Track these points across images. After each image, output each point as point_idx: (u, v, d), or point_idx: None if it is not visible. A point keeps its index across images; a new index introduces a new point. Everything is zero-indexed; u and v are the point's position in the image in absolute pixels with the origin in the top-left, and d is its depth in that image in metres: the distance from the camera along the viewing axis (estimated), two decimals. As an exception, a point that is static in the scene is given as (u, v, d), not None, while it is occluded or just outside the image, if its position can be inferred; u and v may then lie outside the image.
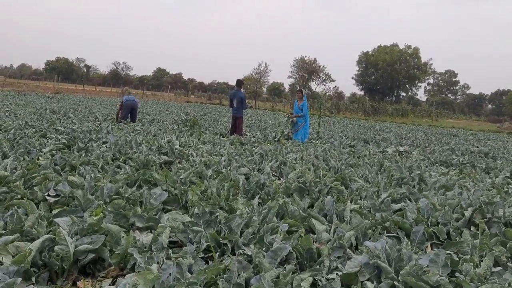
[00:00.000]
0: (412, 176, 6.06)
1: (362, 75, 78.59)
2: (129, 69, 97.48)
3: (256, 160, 6.50)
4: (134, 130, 9.32)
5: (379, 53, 76.38)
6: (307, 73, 79.25)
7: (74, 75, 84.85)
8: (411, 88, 78.86)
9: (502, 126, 43.54)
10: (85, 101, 21.81)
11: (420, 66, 76.18)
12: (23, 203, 3.57)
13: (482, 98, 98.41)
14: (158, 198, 3.79)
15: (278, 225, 3.34)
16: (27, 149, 5.75)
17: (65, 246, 2.76)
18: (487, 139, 17.65)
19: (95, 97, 29.59)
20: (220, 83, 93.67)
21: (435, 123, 36.99)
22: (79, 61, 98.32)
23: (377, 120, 31.33)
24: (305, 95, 10.82)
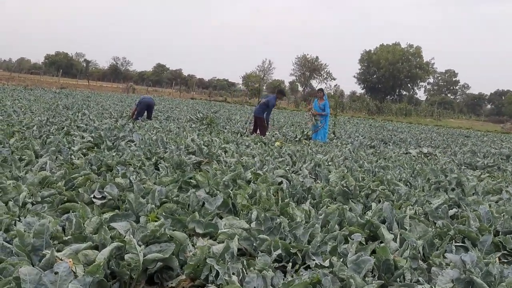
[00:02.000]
0: (449, 179, 5.94)
1: (364, 74, 78.43)
2: (129, 64, 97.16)
3: (288, 161, 6.37)
4: (154, 128, 9.19)
5: (381, 52, 76.21)
6: (309, 71, 79.27)
7: (74, 69, 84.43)
8: (412, 87, 78.85)
9: (505, 127, 43.54)
10: (92, 96, 21.66)
11: (422, 65, 76.12)
12: (77, 207, 3.45)
13: (481, 98, 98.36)
14: (213, 202, 3.66)
15: (344, 233, 3.22)
16: (58, 147, 5.62)
17: (135, 254, 2.63)
18: (500, 140, 17.58)
19: (100, 92, 29.40)
20: (220, 80, 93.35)
21: (439, 122, 36.93)
22: (79, 55, 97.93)
23: (383, 120, 31.25)
24: (326, 94, 10.68)
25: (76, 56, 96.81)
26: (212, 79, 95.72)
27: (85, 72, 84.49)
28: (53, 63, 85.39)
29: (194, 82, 73.91)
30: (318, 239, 3.02)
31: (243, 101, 42.73)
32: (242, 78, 79.06)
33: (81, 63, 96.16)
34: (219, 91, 67.50)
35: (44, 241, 2.58)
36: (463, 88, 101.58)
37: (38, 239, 2.58)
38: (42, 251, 2.57)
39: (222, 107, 26.02)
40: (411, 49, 77.02)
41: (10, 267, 2.25)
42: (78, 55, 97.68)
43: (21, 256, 2.44)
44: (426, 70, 76.57)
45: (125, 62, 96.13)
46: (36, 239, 2.58)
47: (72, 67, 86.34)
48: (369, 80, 77.20)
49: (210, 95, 53.21)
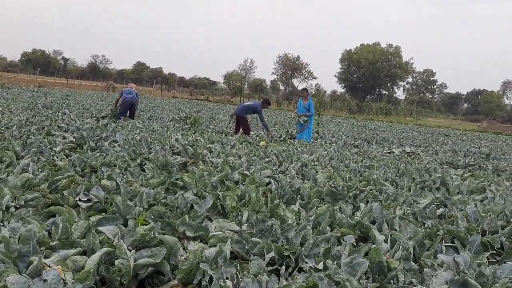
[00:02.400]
0: (433, 179, 6.01)
1: (345, 73, 79.02)
2: (108, 62, 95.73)
3: (275, 162, 6.35)
4: (137, 127, 9.05)
5: (362, 51, 76.91)
6: (290, 70, 79.55)
7: (51, 67, 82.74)
8: (392, 86, 79.78)
9: (482, 126, 44.53)
10: (72, 95, 21.25)
11: (402, 65, 77.11)
12: (62, 210, 3.35)
13: (458, 98, 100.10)
14: (203, 205, 3.61)
15: (336, 234, 3.21)
16: (39, 148, 5.47)
17: (125, 260, 2.57)
18: (479, 139, 17.92)
19: (80, 91, 28.89)
20: (202, 78, 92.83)
21: (419, 122, 37.48)
22: (56, 53, 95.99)
23: (364, 119, 31.55)
24: (310, 94, 10.69)
25: (54, 53, 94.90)
26: (193, 77, 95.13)
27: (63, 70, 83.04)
28: (30, 61, 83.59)
29: (175, 80, 73.29)
30: (311, 242, 3.00)
31: (225, 100, 42.59)
32: (224, 77, 78.96)
33: (59, 61, 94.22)
34: (200, 90, 67.15)
35: (31, 247, 2.49)
36: (440, 87, 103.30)
37: (25, 245, 2.49)
38: (29, 257, 2.48)
39: (205, 106, 25.86)
40: (390, 49, 77.93)
41: (-4, 275, 2.16)
42: (56, 52, 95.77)
43: (7, 264, 2.35)
44: (405, 69, 77.59)
45: (104, 60, 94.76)
46: (22, 245, 2.49)
47: (50, 65, 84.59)
48: (350, 80, 77.85)
49: (192, 94, 52.88)
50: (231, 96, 54.54)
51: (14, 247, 2.52)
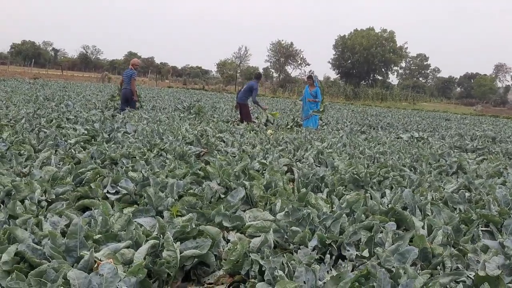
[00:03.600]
0: (449, 163, 6.02)
1: (339, 59, 78.54)
2: (99, 52, 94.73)
3: (290, 150, 6.33)
4: (144, 118, 8.98)
5: (356, 37, 76.44)
6: (284, 57, 79.13)
7: (42, 59, 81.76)
8: (386, 72, 79.61)
9: (477, 109, 44.76)
10: (69, 86, 21.03)
11: (396, 50, 76.90)
12: (96, 203, 3.32)
13: (451, 82, 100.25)
14: (235, 195, 3.59)
15: (375, 221, 3.20)
16: (55, 141, 5.41)
17: (172, 252, 2.55)
18: (479, 122, 18.00)
19: (75, 82, 28.61)
20: (194, 68, 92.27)
21: (415, 106, 37.58)
22: (46, 44, 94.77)
23: (362, 105, 31.56)
24: (316, 80, 10.63)
25: (44, 45, 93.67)
26: (185, 66, 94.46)
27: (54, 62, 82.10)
28: (20, 53, 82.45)
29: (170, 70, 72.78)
30: (350, 230, 2.99)
31: (221, 89, 42.43)
32: (217, 65, 78.34)
33: (49, 52, 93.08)
34: (193, 79, 66.78)
35: (78, 241, 2.47)
36: (434, 72, 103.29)
37: (72, 240, 2.46)
38: (76, 252, 2.46)
39: (202, 95, 25.72)
40: (384, 34, 77.58)
41: (51, 271, 2.13)
42: (46, 43, 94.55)
43: (57, 258, 2.32)
44: (399, 54, 77.37)
45: (95, 50, 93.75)
46: (69, 240, 2.46)
47: (40, 56, 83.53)
48: (344, 66, 77.43)
49: (185, 83, 52.64)
50: (225, 84, 54.32)
51: (60, 241, 2.49)
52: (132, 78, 10.24)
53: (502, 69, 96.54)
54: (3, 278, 2.20)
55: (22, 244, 2.43)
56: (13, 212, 2.98)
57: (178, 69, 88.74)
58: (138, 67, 10.72)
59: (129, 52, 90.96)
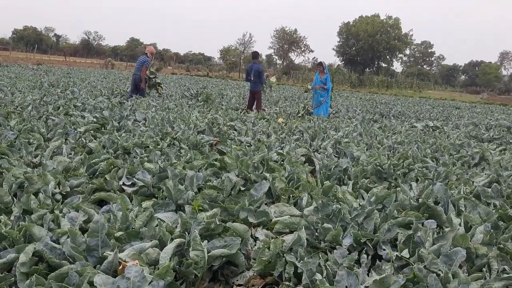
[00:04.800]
0: (471, 154, 5.82)
1: (343, 46, 77.90)
2: (101, 38, 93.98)
3: (306, 139, 6.13)
4: (152, 106, 8.77)
5: (361, 23, 75.63)
6: (288, 44, 78.42)
7: (44, 44, 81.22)
8: (391, 59, 78.89)
9: (484, 97, 44.32)
10: (73, 73, 20.78)
11: (401, 37, 76.08)
12: (113, 197, 3.14)
13: (456, 69, 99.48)
14: (259, 188, 3.40)
15: (409, 218, 3.01)
16: (65, 129, 5.22)
17: (200, 251, 2.38)
18: (490, 111, 17.73)
19: (79, 68, 28.32)
20: (196, 54, 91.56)
21: (422, 94, 37.19)
22: (48, 30, 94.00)
23: (368, 92, 31.21)
24: (327, 67, 10.39)
25: (46, 30, 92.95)
26: (187, 53, 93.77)
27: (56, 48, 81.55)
28: (21, 38, 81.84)
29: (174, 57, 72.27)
30: (386, 227, 2.81)
31: (225, 76, 42.08)
32: (220, 52, 77.77)
33: (51, 38, 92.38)
34: (196, 66, 66.33)
35: (99, 240, 2.29)
36: (438, 59, 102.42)
37: (93, 239, 2.29)
38: (97, 251, 2.29)
39: (208, 82, 25.42)
40: (390, 21, 76.73)
41: (74, 274, 1.96)
42: (48, 29, 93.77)
43: (78, 259, 2.15)
44: (404, 41, 76.60)
45: (97, 36, 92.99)
46: (91, 239, 2.29)
47: (42, 42, 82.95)
48: (348, 53, 76.82)
49: (188, 70, 52.22)
50: (228, 71, 53.90)
51: (80, 240, 2.32)
52: (144, 65, 10.05)
53: (507, 57, 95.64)
54: (22, 281, 2.03)
55: (40, 242, 2.26)
56: (27, 206, 2.80)
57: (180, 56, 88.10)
58: (153, 56, 10.54)
59: (131, 38, 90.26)
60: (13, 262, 2.16)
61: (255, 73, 10.31)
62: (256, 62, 10.55)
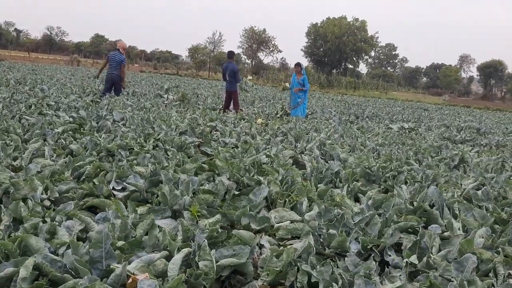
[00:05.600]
0: (450, 156, 5.94)
1: (311, 47, 78.62)
2: (64, 34, 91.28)
3: (291, 141, 6.09)
4: (128, 105, 8.53)
5: (328, 25, 76.49)
6: (257, 44, 78.49)
7: (3, 39, 78.22)
8: (358, 61, 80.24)
9: (446, 99, 45.82)
10: (38, 69, 20.01)
11: (367, 39, 77.49)
12: (107, 203, 2.99)
13: (418, 71, 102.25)
14: (258, 193, 3.32)
15: (411, 223, 3.01)
16: (43, 130, 4.98)
17: (209, 261, 2.29)
18: (457, 113, 18.27)
19: (44, 65, 27.35)
20: (163, 52, 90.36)
21: (388, 96, 38.01)
22: (8, 24, 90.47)
23: (337, 93, 31.61)
24: (304, 68, 10.41)
25: (5, 25, 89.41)
26: (154, 51, 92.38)
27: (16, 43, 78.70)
28: (-22, 33, 78.64)
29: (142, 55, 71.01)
30: (390, 232, 2.79)
31: (194, 74, 41.68)
32: (189, 50, 76.90)
33: (11, 33, 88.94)
34: (163, 64, 65.49)
35: (103, 251, 2.16)
36: (401, 61, 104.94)
37: (97, 250, 2.16)
38: (101, 263, 2.16)
39: (179, 80, 25.08)
40: (356, 23, 78.01)
41: (83, 290, 1.83)
42: (8, 24, 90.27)
43: (83, 273, 2.01)
44: (370, 43, 78.04)
45: (60, 32, 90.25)
46: (94, 250, 2.16)
47: (1, 37, 79.87)
48: (316, 54, 77.60)
49: (156, 68, 51.49)
50: (197, 70, 53.47)
51: (82, 251, 2.18)
52: (122, 64, 9.78)
53: (466, 60, 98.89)
54: (24, 298, 1.88)
55: (38, 255, 2.11)
56: (17, 214, 2.63)
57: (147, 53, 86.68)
58: (125, 52, 10.26)
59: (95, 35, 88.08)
60: (12, 277, 2.00)
61: (230, 73, 10.22)
62: (232, 62, 10.48)
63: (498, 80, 78.58)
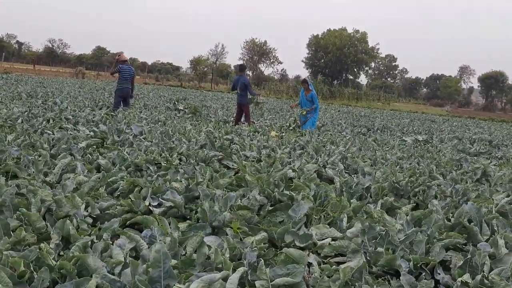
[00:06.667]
0: (472, 169, 5.93)
1: (312, 59, 79.13)
2: (66, 46, 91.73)
3: (312, 154, 6.08)
4: (143, 118, 8.55)
5: (329, 36, 77.07)
6: (258, 55, 79.01)
7: (5, 52, 78.51)
8: (358, 72, 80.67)
9: (448, 109, 45.95)
10: (45, 82, 20.07)
11: (368, 50, 78.00)
12: (149, 220, 2.98)
13: (418, 82, 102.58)
14: (297, 209, 3.30)
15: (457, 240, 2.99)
16: (68, 144, 4.98)
17: (265, 281, 2.27)
18: (465, 125, 18.30)
19: (50, 78, 27.44)
20: (164, 64, 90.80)
21: (391, 107, 38.12)
22: (10, 37, 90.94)
23: (341, 104, 31.68)
24: (312, 84, 10.41)
25: (7, 37, 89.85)
26: (155, 62, 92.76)
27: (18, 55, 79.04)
28: (-19, 46, 78.86)
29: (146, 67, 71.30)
30: (437, 250, 2.78)
31: (198, 86, 41.83)
32: (190, 62, 77.39)
33: (12, 45, 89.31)
34: (165, 75, 65.77)
35: (162, 271, 2.15)
36: (401, 72, 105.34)
37: (155, 269, 2.14)
38: (160, 283, 2.14)
39: (185, 93, 25.16)
40: (357, 34, 78.60)
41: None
42: (10, 36, 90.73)
43: (145, 294, 1.99)
44: (371, 55, 78.54)
45: (62, 44, 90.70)
46: (153, 270, 2.14)
47: (3, 50, 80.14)
48: (317, 65, 78.05)
49: (158, 80, 51.63)
50: (199, 82, 53.67)
51: (140, 270, 2.17)
52: (134, 77, 9.89)
53: (466, 71, 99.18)
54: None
55: (96, 275, 2.10)
56: (64, 232, 2.61)
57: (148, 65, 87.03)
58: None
59: (97, 47, 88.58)
60: (75, 298, 1.99)
61: (241, 86, 10.23)
62: (243, 75, 10.51)
63: (499, 91, 78.96)
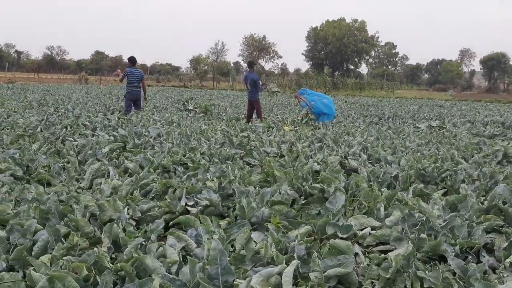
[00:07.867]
0: (492, 152, 5.94)
1: (312, 51, 78.91)
2: (65, 53, 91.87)
3: (332, 147, 6.11)
4: (156, 120, 8.59)
5: (328, 28, 76.80)
6: (257, 51, 78.96)
7: (4, 61, 78.66)
8: (359, 61, 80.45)
9: (452, 94, 45.71)
10: (51, 90, 20.14)
11: (367, 39, 77.74)
12: (191, 219, 3.02)
13: (419, 68, 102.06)
14: (334, 201, 3.34)
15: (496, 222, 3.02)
16: (94, 150, 5.03)
17: (319, 272, 2.31)
18: (474, 108, 18.25)
19: (55, 85, 27.54)
20: (164, 65, 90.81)
21: (396, 94, 38.01)
22: (9, 46, 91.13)
23: (346, 95, 31.63)
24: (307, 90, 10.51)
25: (6, 47, 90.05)
26: (154, 64, 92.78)
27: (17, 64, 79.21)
28: (-20, 55, 79.14)
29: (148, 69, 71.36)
30: (480, 233, 2.81)
31: (200, 85, 41.84)
32: (190, 61, 77.44)
33: (11, 55, 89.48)
34: (165, 76, 65.80)
35: (219, 267, 2.19)
36: (402, 59, 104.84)
37: (213, 266, 2.19)
38: (218, 279, 2.19)
39: (190, 92, 25.19)
40: (356, 24, 78.32)
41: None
42: (8, 46, 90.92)
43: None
44: (371, 43, 78.27)
45: (60, 51, 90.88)
46: (211, 267, 2.18)
47: (2, 59, 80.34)
48: (317, 57, 77.87)
49: (159, 81, 51.64)
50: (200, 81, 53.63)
51: (196, 268, 2.21)
52: (143, 80, 9.85)
53: (466, 54, 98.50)
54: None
55: (156, 275, 2.15)
56: (112, 235, 2.66)
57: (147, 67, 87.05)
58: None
59: (96, 52, 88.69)
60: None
61: (251, 82, 10.24)
62: (252, 71, 10.52)
63: (501, 73, 78.43)
